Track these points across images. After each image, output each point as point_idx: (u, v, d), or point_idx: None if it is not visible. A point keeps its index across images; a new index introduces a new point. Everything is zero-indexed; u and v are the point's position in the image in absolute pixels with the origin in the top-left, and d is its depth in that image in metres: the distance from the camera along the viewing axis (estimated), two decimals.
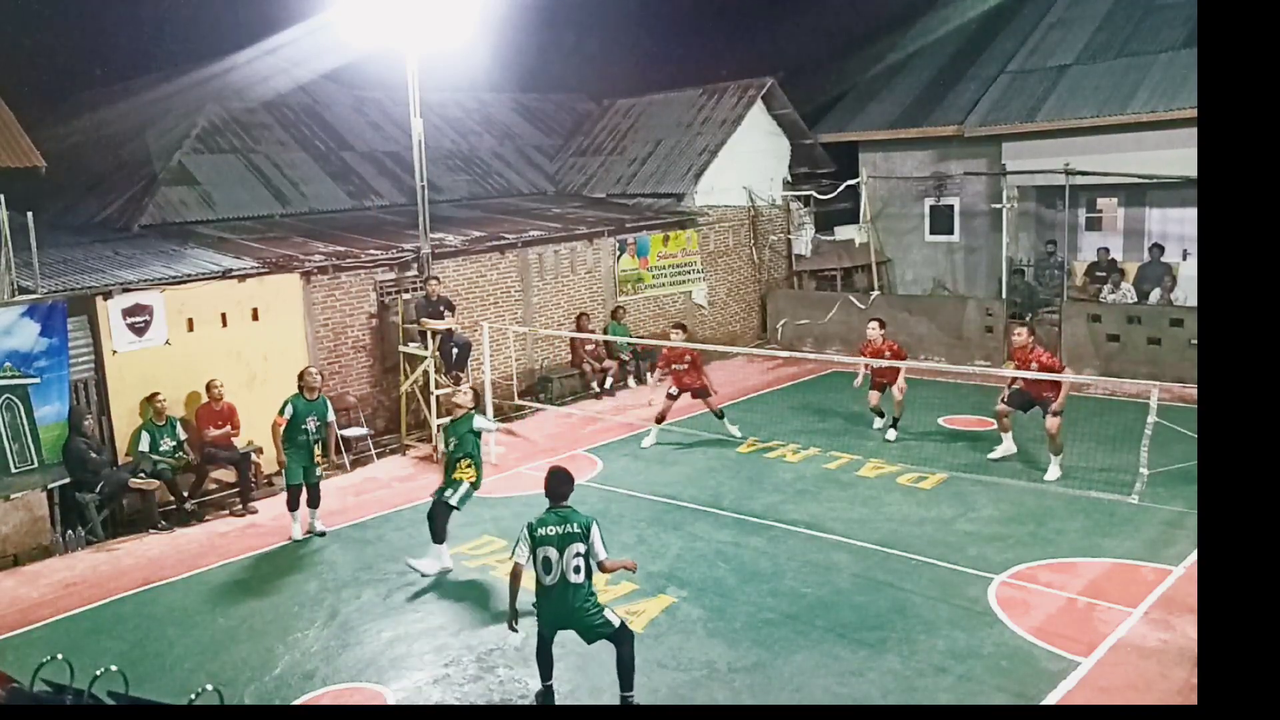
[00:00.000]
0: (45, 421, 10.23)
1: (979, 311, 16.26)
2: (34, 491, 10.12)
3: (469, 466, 9.03)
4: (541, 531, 6.28)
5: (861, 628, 7.58)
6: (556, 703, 6.73)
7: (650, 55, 25.80)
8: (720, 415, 12.75)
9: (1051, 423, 10.61)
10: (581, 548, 6.24)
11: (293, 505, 10.17)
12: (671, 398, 12.67)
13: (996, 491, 10.28)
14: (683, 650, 7.28)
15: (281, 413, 10.07)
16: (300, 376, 10.43)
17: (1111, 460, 10.75)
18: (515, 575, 6.40)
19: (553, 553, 6.23)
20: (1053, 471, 10.68)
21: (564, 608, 6.31)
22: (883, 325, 12.63)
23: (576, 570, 6.24)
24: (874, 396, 12.77)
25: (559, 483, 6.47)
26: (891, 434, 12.52)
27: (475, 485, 9.09)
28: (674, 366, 12.60)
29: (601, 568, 6.37)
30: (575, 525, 6.27)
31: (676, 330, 12.87)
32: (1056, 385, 10.62)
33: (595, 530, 6.31)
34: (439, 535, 8.95)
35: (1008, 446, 11.51)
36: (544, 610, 6.42)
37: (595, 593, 6.45)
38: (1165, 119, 15.23)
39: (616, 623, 6.41)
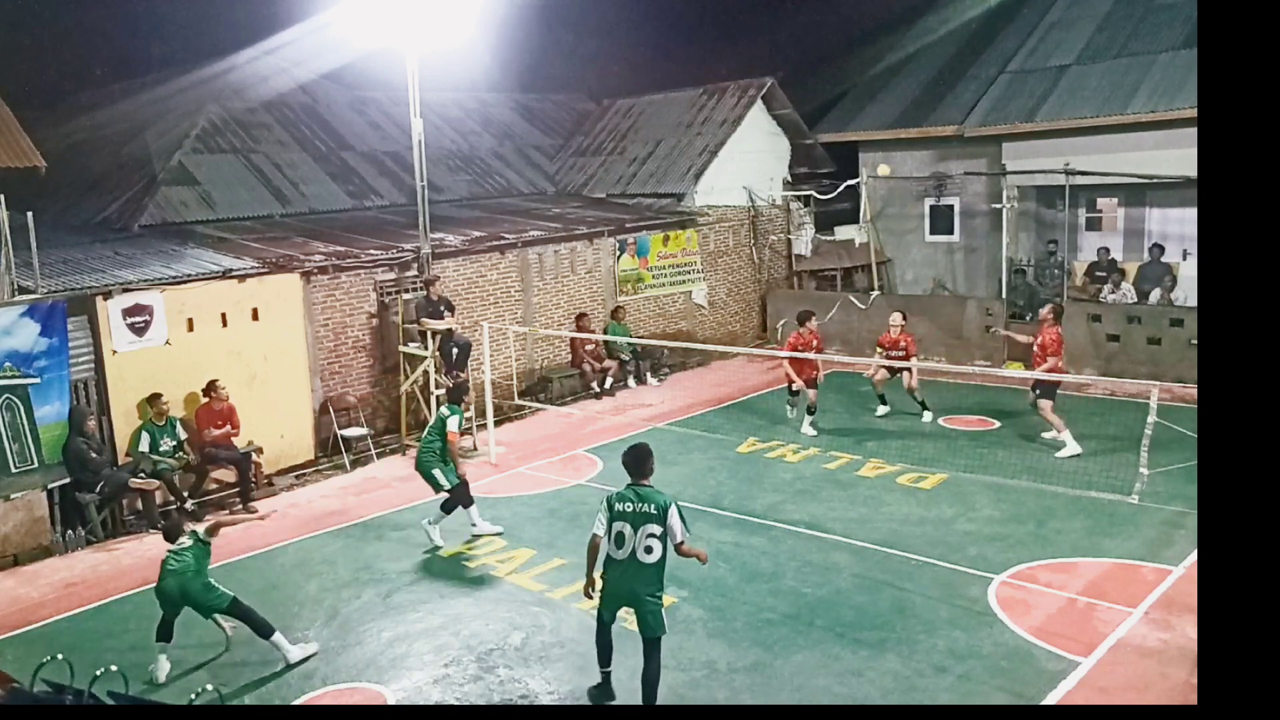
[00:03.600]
0: (45, 421, 10.23)
1: (979, 311, 16.26)
2: (34, 491, 10.11)
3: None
4: (619, 507, 6.27)
5: (861, 628, 7.58)
6: (557, 703, 6.73)
7: (650, 55, 25.78)
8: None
9: (1042, 405, 11.60)
10: (657, 529, 6.18)
11: (468, 501, 9.88)
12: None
13: (996, 491, 10.28)
14: (683, 650, 7.28)
15: (458, 428, 9.87)
16: (463, 390, 10.48)
17: (1111, 460, 10.75)
18: (593, 547, 6.38)
19: (627, 529, 6.21)
20: (1070, 448, 11.40)
21: (630, 586, 6.25)
22: (905, 318, 13.36)
23: (648, 550, 6.19)
24: (881, 373, 13.30)
25: (640, 459, 6.42)
26: (927, 416, 13.20)
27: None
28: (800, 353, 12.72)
29: (679, 550, 6.30)
30: (652, 506, 6.22)
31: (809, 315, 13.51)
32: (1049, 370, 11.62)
33: (674, 512, 6.24)
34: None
35: (1071, 447, 11.52)
36: (610, 586, 6.35)
37: (663, 582, 6.37)
38: (1165, 119, 15.22)
39: (664, 630, 6.35)
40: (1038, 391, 11.73)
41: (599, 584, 6.48)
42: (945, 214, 19.35)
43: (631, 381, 16.28)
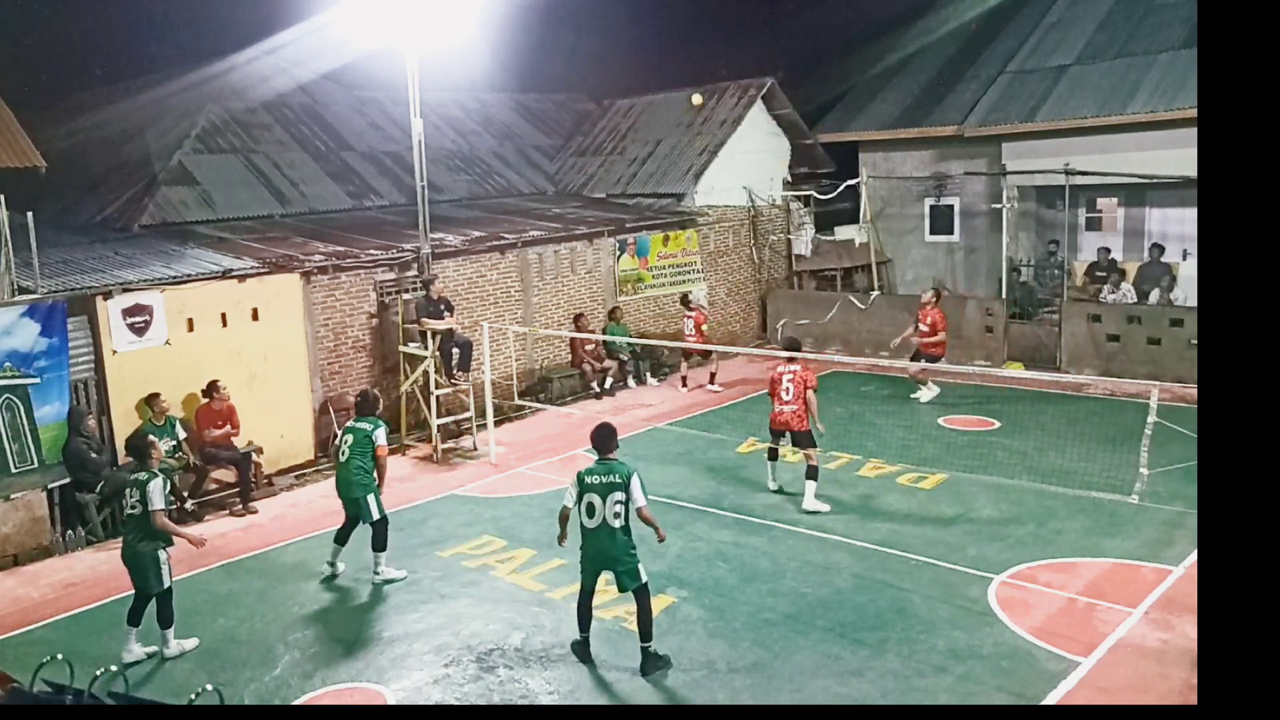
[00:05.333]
0: (45, 421, 10.23)
1: (979, 311, 16.26)
2: (34, 491, 10.11)
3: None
4: (589, 480, 6.98)
5: (861, 628, 7.58)
6: (557, 703, 6.74)
7: (650, 55, 25.80)
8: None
9: (911, 367, 13.78)
10: (622, 496, 6.91)
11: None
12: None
13: (996, 491, 10.28)
14: (683, 650, 7.28)
15: (386, 441, 9.04)
16: (375, 401, 9.29)
17: (1111, 460, 10.75)
18: (563, 516, 7.17)
19: (596, 499, 6.92)
20: (924, 394, 13.98)
21: (604, 549, 6.95)
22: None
23: (616, 516, 6.91)
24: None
25: (605, 436, 7.16)
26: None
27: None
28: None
29: (640, 514, 7.00)
30: (617, 476, 6.96)
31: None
32: (937, 344, 13.83)
33: (635, 480, 6.99)
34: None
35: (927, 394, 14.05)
36: (587, 553, 7.04)
37: (634, 543, 7.00)
38: (1165, 119, 15.23)
39: (643, 579, 7.03)
40: (920, 360, 13.65)
41: (578, 550, 7.18)
42: (945, 214, 19.35)
43: (631, 381, 16.29)
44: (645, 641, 7.01)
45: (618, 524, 6.92)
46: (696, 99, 19.14)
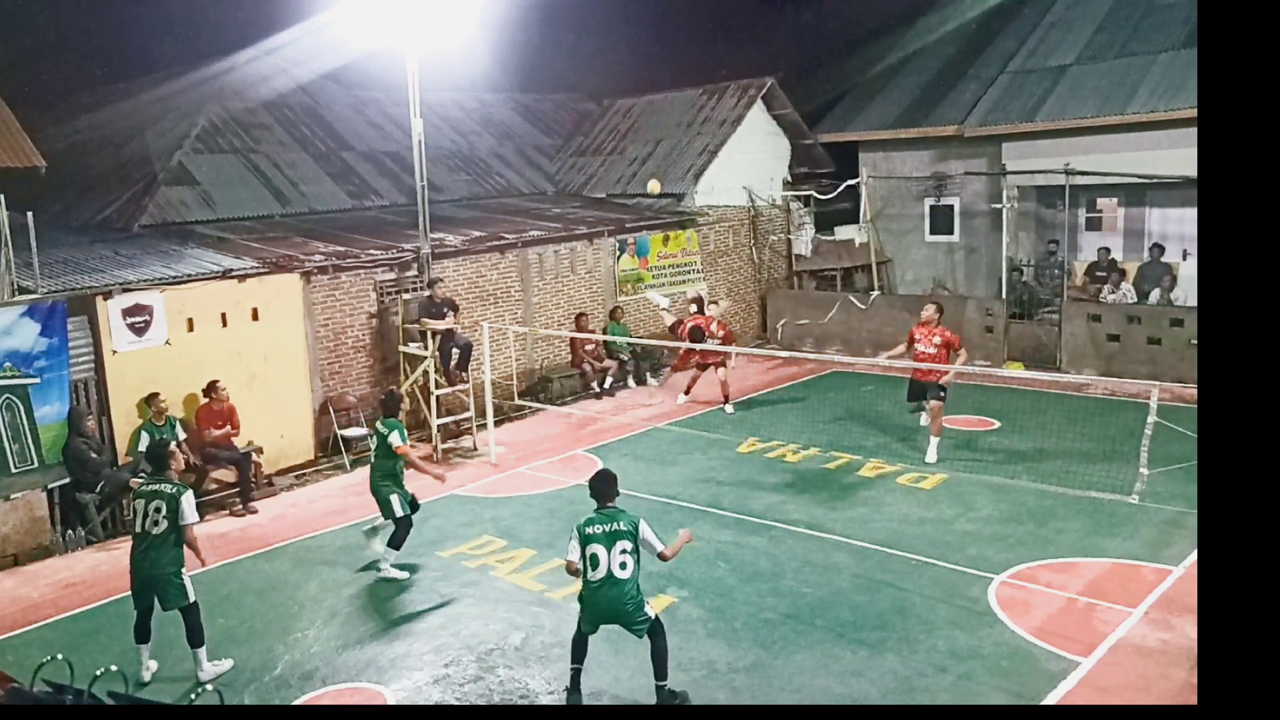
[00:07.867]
0: (45, 421, 10.23)
1: (979, 311, 16.26)
2: (34, 491, 10.11)
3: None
4: (589, 530, 6.49)
5: (861, 628, 7.58)
6: (557, 703, 6.73)
7: (650, 55, 25.80)
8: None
9: (935, 406, 11.36)
10: (628, 545, 6.45)
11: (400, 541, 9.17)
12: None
13: (996, 491, 10.28)
14: (683, 650, 7.28)
15: (404, 441, 9.09)
16: (396, 401, 9.61)
17: (1111, 460, 10.75)
18: (571, 570, 6.62)
19: (600, 550, 6.43)
20: (931, 454, 11.33)
21: (609, 602, 6.45)
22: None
23: (623, 566, 6.42)
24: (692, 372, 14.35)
25: (605, 485, 6.71)
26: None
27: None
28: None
29: (662, 558, 6.60)
30: (622, 524, 6.49)
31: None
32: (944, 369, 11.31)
33: (644, 527, 6.54)
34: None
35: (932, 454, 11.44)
36: (590, 605, 6.55)
37: (640, 589, 6.58)
38: (1165, 119, 15.23)
39: (653, 616, 6.60)
40: (944, 393, 11.33)
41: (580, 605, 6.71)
42: (945, 214, 19.36)
43: (631, 381, 16.29)
44: (661, 680, 6.56)
45: (624, 575, 6.39)
46: (654, 186, 16.85)
